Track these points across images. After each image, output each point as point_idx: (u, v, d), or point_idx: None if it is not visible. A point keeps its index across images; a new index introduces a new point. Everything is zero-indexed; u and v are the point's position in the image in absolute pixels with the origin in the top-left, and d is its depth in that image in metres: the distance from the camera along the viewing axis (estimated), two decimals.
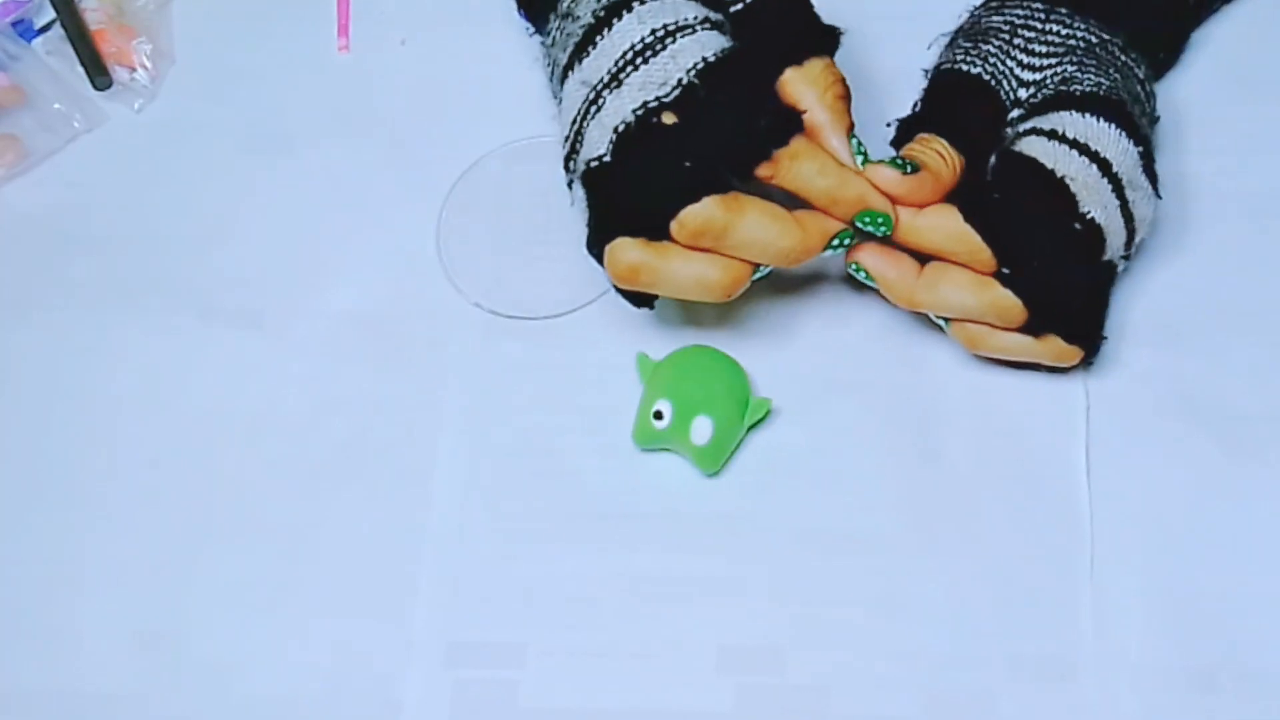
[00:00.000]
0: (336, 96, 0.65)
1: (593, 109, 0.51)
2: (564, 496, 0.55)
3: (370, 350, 0.58)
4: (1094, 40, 0.55)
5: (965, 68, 0.55)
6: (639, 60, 0.50)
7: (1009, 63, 0.55)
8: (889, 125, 0.56)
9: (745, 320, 0.57)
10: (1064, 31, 0.55)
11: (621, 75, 0.50)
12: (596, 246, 0.51)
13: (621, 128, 0.50)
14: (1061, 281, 0.51)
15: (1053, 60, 0.55)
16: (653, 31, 0.50)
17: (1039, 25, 0.56)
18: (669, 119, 0.49)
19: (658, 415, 0.54)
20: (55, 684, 0.53)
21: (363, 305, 0.59)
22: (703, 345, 0.56)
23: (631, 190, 0.50)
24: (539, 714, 0.51)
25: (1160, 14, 0.59)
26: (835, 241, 0.52)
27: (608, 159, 0.50)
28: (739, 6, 0.54)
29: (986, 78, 0.55)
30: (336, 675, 0.52)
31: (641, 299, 0.54)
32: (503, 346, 0.58)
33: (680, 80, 0.49)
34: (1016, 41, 0.55)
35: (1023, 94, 0.55)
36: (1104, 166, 0.51)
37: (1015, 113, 0.54)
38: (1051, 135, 0.52)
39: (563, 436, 0.56)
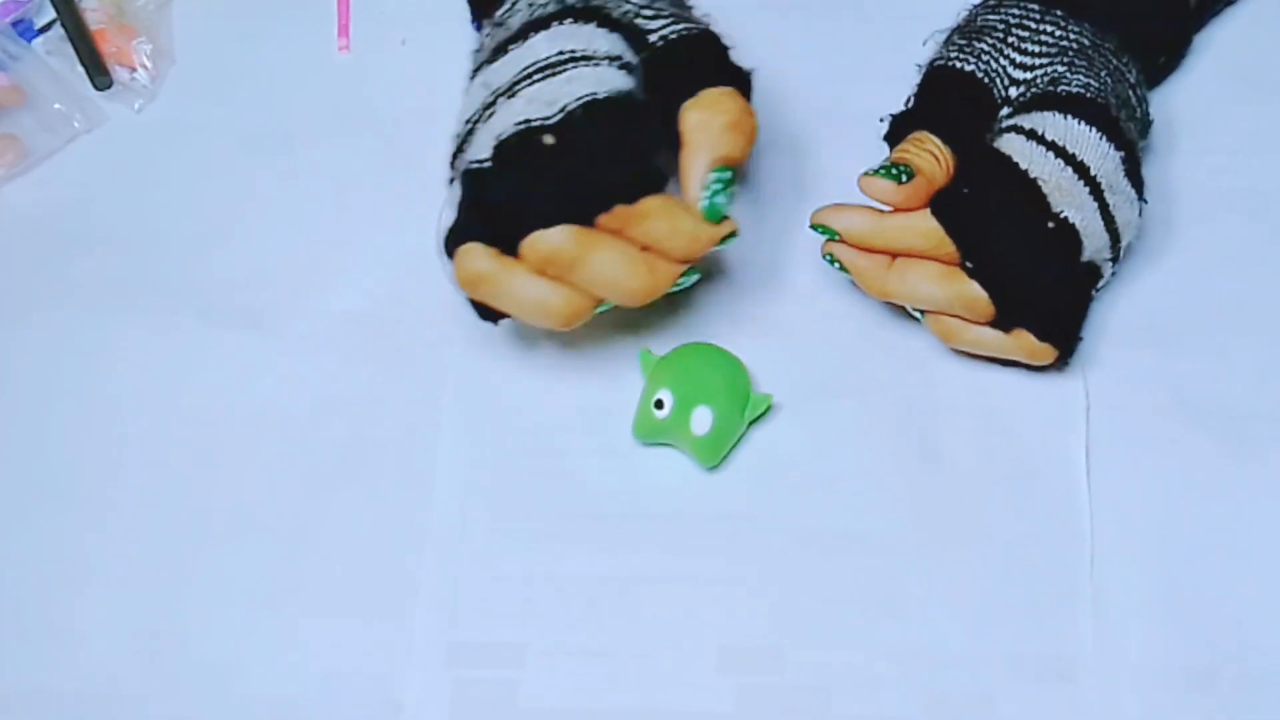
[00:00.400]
0: (337, 96, 0.65)
1: (486, 113, 0.51)
2: (564, 496, 0.55)
3: (370, 350, 0.58)
4: (1086, 43, 0.55)
5: (959, 65, 0.56)
6: (538, 76, 0.50)
7: (1002, 61, 0.55)
8: (881, 120, 0.57)
9: (746, 317, 0.57)
10: (1057, 33, 0.55)
11: (518, 87, 0.50)
12: (451, 245, 0.51)
13: (505, 135, 0.50)
14: (1029, 277, 0.51)
15: (1044, 60, 0.55)
16: (559, 52, 0.50)
17: (1033, 25, 0.56)
18: (550, 139, 0.49)
19: (658, 405, 0.54)
20: (55, 684, 0.53)
21: (363, 305, 0.59)
22: (705, 342, 0.56)
23: (502, 201, 0.50)
24: (539, 714, 0.51)
25: (1158, 17, 0.59)
26: (683, 280, 0.51)
27: (488, 164, 0.50)
28: (657, 47, 0.53)
29: (980, 75, 0.55)
30: (336, 675, 0.52)
31: (488, 312, 0.53)
32: (503, 347, 0.58)
33: (565, 106, 0.49)
34: (1010, 40, 0.56)
35: (1014, 92, 0.55)
36: (1081, 170, 0.52)
37: (1005, 110, 0.55)
38: (1030, 135, 0.52)
39: (563, 436, 0.56)
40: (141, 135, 0.65)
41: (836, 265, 0.54)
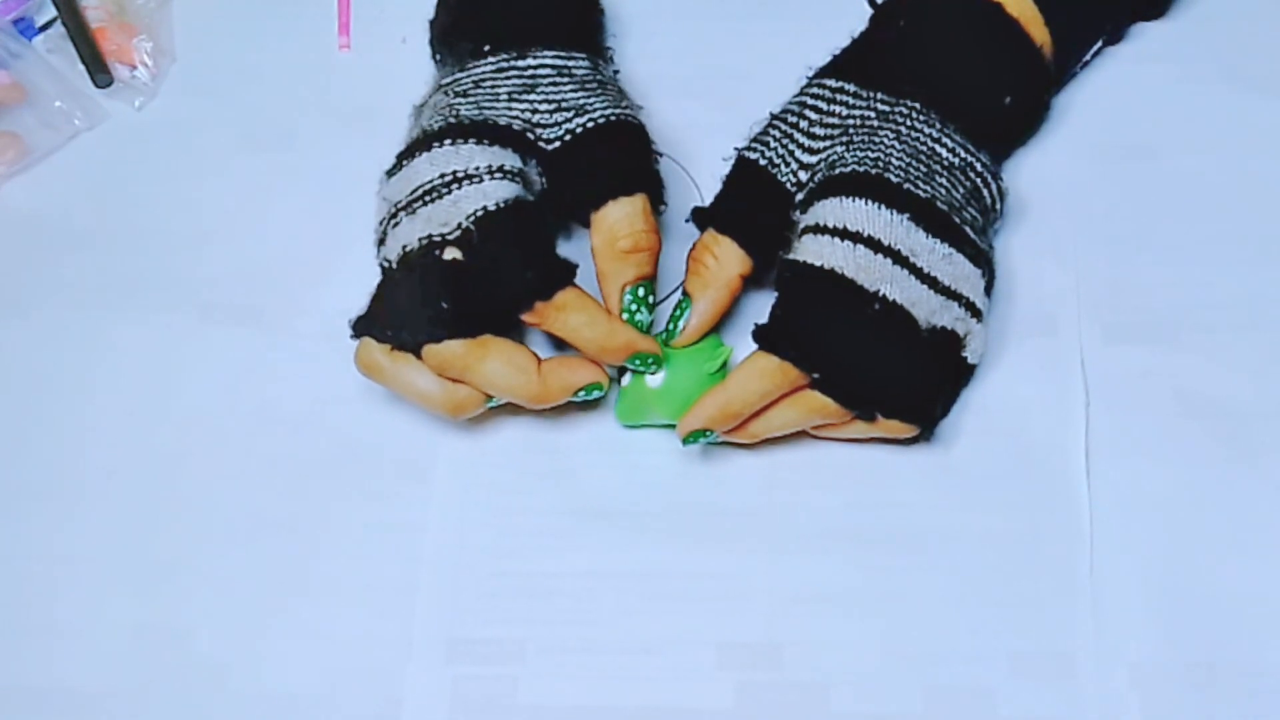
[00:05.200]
0: (337, 95, 0.65)
1: (392, 222, 0.53)
2: (564, 493, 0.55)
3: None
4: (875, 112, 0.55)
5: (748, 155, 0.57)
6: (428, 198, 0.52)
7: (790, 146, 0.56)
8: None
9: (747, 318, 0.57)
10: (844, 111, 0.56)
11: (414, 206, 0.53)
12: (357, 329, 0.53)
13: (409, 247, 0.52)
14: (870, 368, 0.51)
15: (828, 143, 0.55)
16: (441, 175, 0.52)
17: (824, 106, 0.56)
18: (452, 253, 0.51)
19: (621, 371, 0.55)
20: (54, 681, 0.53)
21: (362, 303, 0.59)
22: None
23: (402, 305, 0.52)
24: (539, 710, 0.51)
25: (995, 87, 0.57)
26: (582, 394, 0.53)
27: (394, 269, 0.53)
28: (556, 145, 0.55)
29: (764, 164, 0.56)
30: (337, 672, 0.52)
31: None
32: None
33: (460, 224, 0.51)
34: (800, 125, 0.56)
35: (803, 176, 0.55)
36: (874, 245, 0.51)
37: (800, 195, 0.55)
38: (818, 230, 0.52)
39: (562, 434, 0.56)
40: (142, 133, 0.65)
41: (704, 440, 0.53)
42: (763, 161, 0.56)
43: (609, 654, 0.52)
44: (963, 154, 0.55)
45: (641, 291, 0.54)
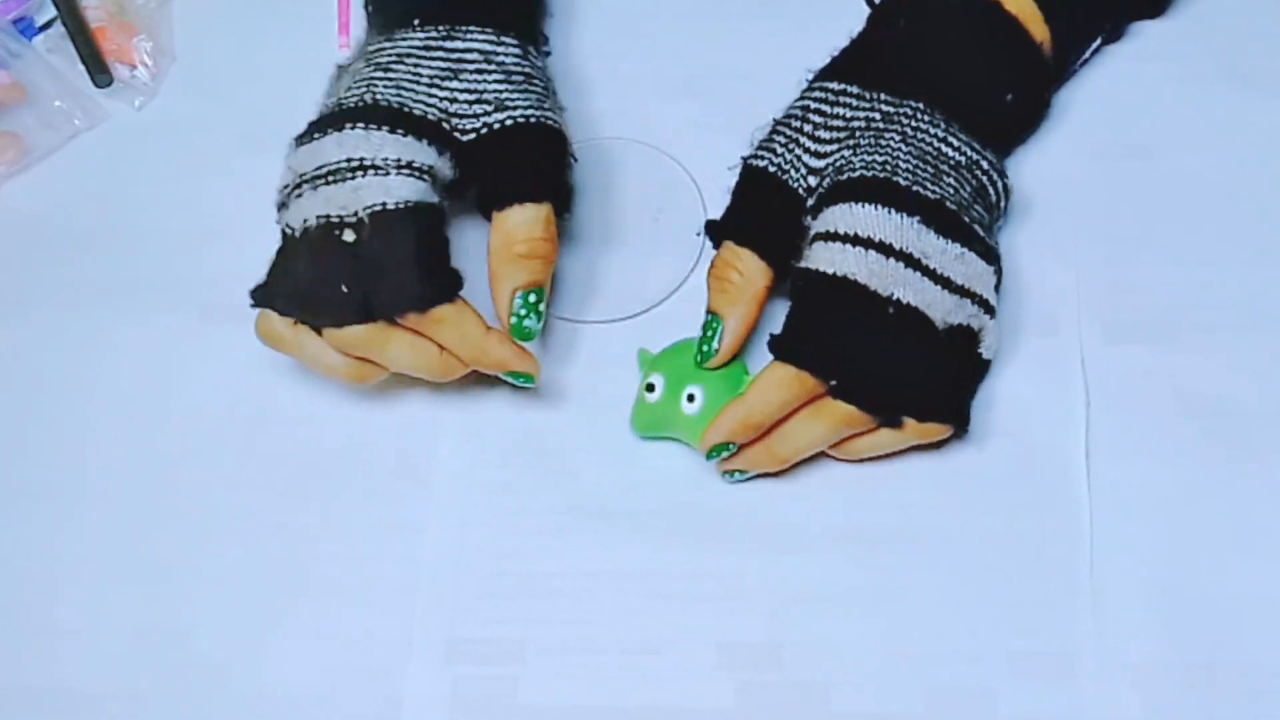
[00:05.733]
0: None
1: (295, 192, 0.53)
2: (564, 493, 0.55)
3: None
4: (880, 114, 0.55)
5: (756, 162, 0.56)
6: (331, 178, 0.52)
7: (797, 151, 0.55)
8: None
9: (759, 329, 0.57)
10: (848, 113, 0.56)
11: (316, 182, 0.52)
12: (257, 298, 0.53)
13: (309, 223, 0.52)
14: (888, 372, 0.51)
15: (835, 145, 0.55)
16: (347, 160, 0.52)
17: (827, 110, 0.56)
18: (350, 235, 0.51)
19: (649, 388, 0.54)
20: (54, 681, 0.53)
21: None
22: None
23: (303, 283, 0.52)
24: (538, 710, 0.51)
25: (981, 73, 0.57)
26: (509, 377, 0.53)
27: (296, 239, 0.52)
28: (471, 137, 0.54)
29: (774, 170, 0.55)
30: (337, 672, 0.52)
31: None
32: None
33: (357, 213, 0.51)
34: (805, 129, 0.56)
35: (813, 181, 0.55)
36: (885, 249, 0.51)
37: (810, 200, 0.54)
38: (829, 237, 0.52)
39: (562, 434, 0.56)
40: (142, 133, 0.65)
41: (739, 476, 0.54)
42: (771, 168, 0.56)
43: (609, 654, 0.52)
44: (969, 152, 0.55)
45: (533, 298, 0.53)
